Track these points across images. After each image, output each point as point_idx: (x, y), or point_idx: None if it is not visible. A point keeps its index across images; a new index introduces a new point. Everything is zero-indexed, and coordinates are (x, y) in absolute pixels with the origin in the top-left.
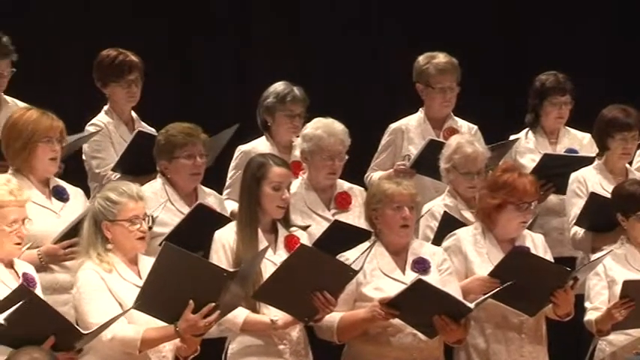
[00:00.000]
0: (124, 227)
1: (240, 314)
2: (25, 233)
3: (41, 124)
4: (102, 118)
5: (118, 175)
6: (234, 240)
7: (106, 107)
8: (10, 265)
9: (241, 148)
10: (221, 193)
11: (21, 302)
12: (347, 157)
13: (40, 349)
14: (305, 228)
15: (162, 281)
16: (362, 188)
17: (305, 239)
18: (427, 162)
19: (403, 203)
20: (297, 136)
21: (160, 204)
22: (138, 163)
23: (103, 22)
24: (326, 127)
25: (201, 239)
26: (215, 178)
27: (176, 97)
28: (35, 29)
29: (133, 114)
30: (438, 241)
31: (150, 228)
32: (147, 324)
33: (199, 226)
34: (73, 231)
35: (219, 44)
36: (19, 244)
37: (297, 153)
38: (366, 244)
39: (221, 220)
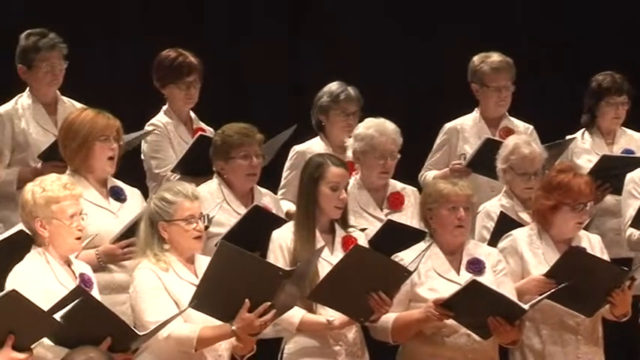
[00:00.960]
0: (180, 227)
1: (296, 314)
2: (83, 226)
3: (98, 123)
4: (161, 118)
5: (178, 176)
6: (292, 240)
7: (164, 107)
8: (67, 264)
9: (296, 149)
10: (276, 193)
11: (77, 301)
12: (399, 156)
13: (96, 349)
14: (362, 230)
15: (219, 280)
16: (415, 188)
17: (363, 240)
18: (483, 161)
19: (459, 204)
20: (350, 136)
21: (217, 204)
22: (198, 164)
23: (161, 23)
24: (378, 127)
25: (257, 240)
26: (270, 179)
27: (230, 98)
28: (92, 29)
29: (191, 114)
30: (494, 241)
31: (206, 227)
32: (203, 323)
33: (255, 227)
34: (130, 231)
35: (272, 45)
36: (79, 238)
37: (349, 153)
38: (421, 244)
39: (277, 222)
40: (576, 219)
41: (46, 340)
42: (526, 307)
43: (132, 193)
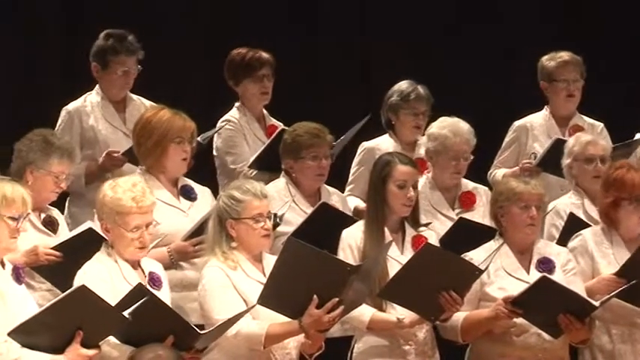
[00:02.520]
0: (248, 225)
1: (366, 312)
2: (147, 239)
3: (174, 124)
4: (234, 114)
5: (254, 172)
6: (361, 239)
7: (237, 104)
8: (136, 263)
9: (364, 145)
10: (343, 189)
11: (143, 300)
12: (472, 157)
13: (165, 347)
14: (426, 225)
15: (287, 276)
16: (486, 188)
17: (433, 239)
18: (553, 161)
19: (531, 203)
20: (423, 135)
21: (286, 202)
22: (274, 160)
23: (226, 22)
24: (452, 127)
25: (324, 238)
26: (337, 175)
27: (302, 97)
28: (161, 30)
29: (264, 111)
30: (563, 241)
31: (277, 226)
32: (271, 320)
33: (323, 225)
34: (200, 229)
35: (342, 44)
36: (141, 248)
37: (421, 151)
38: (491, 243)
39: (344, 220)
40: (638, 213)
41: (111, 338)
42: (596, 303)
43: (202, 191)
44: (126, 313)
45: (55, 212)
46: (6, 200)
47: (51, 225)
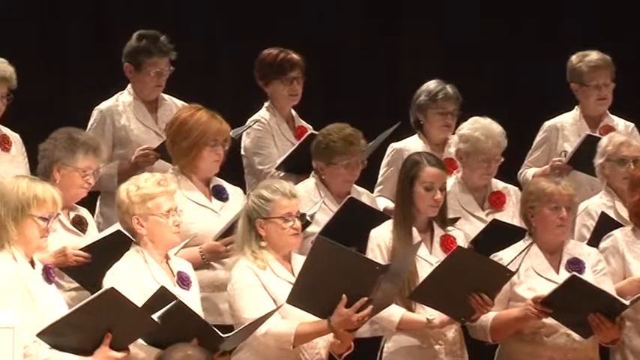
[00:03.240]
0: (277, 225)
1: (396, 313)
2: (180, 221)
3: (211, 127)
4: (263, 115)
5: (282, 174)
6: (390, 239)
7: (266, 104)
8: (166, 262)
9: (394, 146)
10: (372, 190)
11: (171, 304)
12: (502, 159)
13: (194, 347)
14: (454, 220)
15: (316, 275)
16: (516, 188)
17: (461, 239)
18: (584, 158)
19: (561, 203)
20: (453, 134)
21: (316, 202)
22: (302, 163)
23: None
24: (484, 129)
25: (354, 235)
26: (366, 175)
27: (328, 96)
28: (192, 28)
29: (293, 112)
30: (594, 242)
31: (307, 225)
32: (300, 319)
33: (351, 221)
34: (231, 229)
35: (372, 44)
36: (176, 233)
37: (451, 150)
38: (521, 243)
39: (373, 215)
40: None
41: (138, 340)
42: (627, 302)
43: (234, 191)
44: (155, 317)
45: (84, 212)
46: (37, 200)
47: (80, 225)
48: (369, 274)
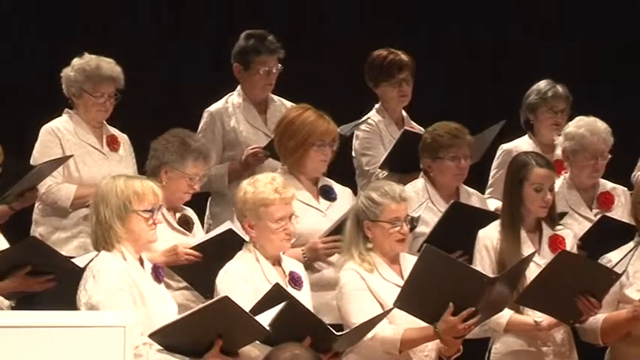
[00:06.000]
0: (384, 228)
1: (504, 314)
2: (292, 229)
3: (318, 127)
4: (373, 116)
5: (386, 173)
6: (497, 239)
7: (377, 105)
8: (277, 262)
9: (504, 147)
10: (483, 192)
11: (282, 305)
12: (610, 156)
13: (302, 346)
14: (562, 216)
15: (423, 282)
16: (625, 188)
17: (570, 239)
18: None
19: None
20: (559, 135)
21: (421, 203)
22: (404, 161)
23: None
24: (589, 126)
25: (461, 237)
26: (478, 177)
27: (438, 97)
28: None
29: (404, 113)
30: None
31: (413, 228)
32: (407, 323)
33: (458, 224)
34: (338, 229)
35: (475, 44)
36: (287, 239)
37: (558, 152)
38: (630, 244)
39: (480, 215)
40: None
41: None
42: None
43: (342, 192)
44: (266, 324)
45: (189, 212)
46: (137, 195)
47: (186, 224)
48: (477, 285)
